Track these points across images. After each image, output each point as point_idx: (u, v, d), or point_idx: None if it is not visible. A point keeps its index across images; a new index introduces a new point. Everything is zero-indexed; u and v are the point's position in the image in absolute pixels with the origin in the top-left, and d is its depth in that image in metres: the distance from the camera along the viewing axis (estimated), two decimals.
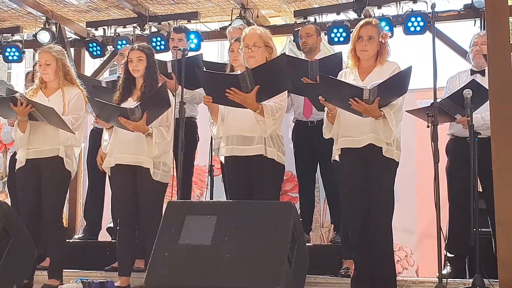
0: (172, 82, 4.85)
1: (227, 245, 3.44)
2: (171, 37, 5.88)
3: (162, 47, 6.70)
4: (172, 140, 4.46)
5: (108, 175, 4.66)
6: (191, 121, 5.21)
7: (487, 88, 3.89)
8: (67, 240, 4.99)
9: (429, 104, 3.99)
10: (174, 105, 4.44)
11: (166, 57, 5.84)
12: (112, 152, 4.47)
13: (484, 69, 4.70)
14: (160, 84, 4.42)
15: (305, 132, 5.20)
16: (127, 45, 6.28)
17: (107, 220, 5.84)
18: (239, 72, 4.10)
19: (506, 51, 3.49)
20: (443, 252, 4.30)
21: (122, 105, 4.35)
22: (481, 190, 4.63)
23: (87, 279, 4.43)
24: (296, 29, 6.56)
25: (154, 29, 7.02)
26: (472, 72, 4.79)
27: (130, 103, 4.39)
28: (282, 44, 9.31)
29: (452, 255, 4.71)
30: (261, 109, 3.97)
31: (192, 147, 5.37)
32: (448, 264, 4.71)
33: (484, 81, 4.57)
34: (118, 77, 4.95)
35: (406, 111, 4.74)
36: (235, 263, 3.38)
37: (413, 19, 6.25)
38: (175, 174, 4.45)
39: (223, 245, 3.44)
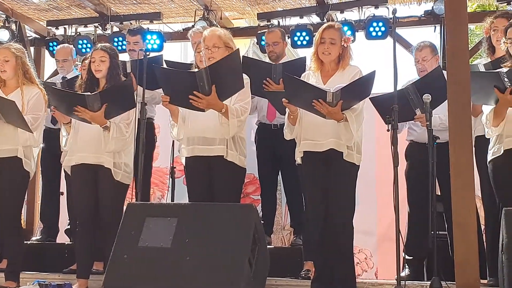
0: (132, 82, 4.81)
1: (187, 247, 3.41)
2: (126, 40, 5.84)
3: (124, 47, 6.62)
4: (132, 140, 4.42)
5: (67, 174, 4.59)
6: (149, 122, 5.17)
7: None
8: (24, 242, 4.89)
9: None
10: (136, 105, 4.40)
11: (126, 57, 5.78)
12: (73, 151, 4.42)
13: None
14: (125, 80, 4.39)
15: (268, 135, 5.22)
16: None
17: (65, 221, 5.76)
18: (196, 70, 4.09)
19: (465, 57, 3.56)
20: (402, 254, 4.35)
21: None
22: (439, 194, 4.71)
23: (44, 282, 4.37)
24: (259, 31, 6.58)
25: (115, 29, 6.95)
26: None
27: None
28: (246, 46, 9.32)
29: (411, 258, 4.77)
30: (226, 109, 3.96)
31: (151, 148, 5.34)
32: (407, 266, 4.77)
33: None
34: (77, 76, 4.89)
35: (369, 98, 4.79)
36: (196, 265, 3.36)
37: (374, 24, 6.32)
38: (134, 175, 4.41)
39: (183, 248, 3.42)
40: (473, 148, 3.74)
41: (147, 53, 4.43)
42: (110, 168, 4.32)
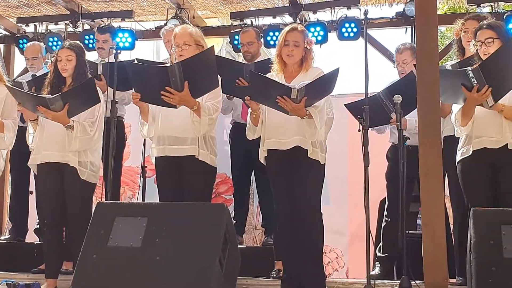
0: (101, 84, 4.77)
1: (157, 247, 3.39)
2: (95, 38, 5.79)
3: (95, 45, 6.58)
4: (100, 138, 4.38)
5: (34, 173, 4.54)
6: (119, 121, 5.14)
7: None
8: None
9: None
10: (106, 104, 4.37)
11: (97, 56, 5.74)
12: (39, 149, 4.37)
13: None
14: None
15: (242, 135, 5.19)
16: None
17: (34, 220, 5.68)
18: (168, 64, 4.07)
19: (434, 59, 3.60)
20: (372, 253, 4.38)
21: None
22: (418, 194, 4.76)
23: (12, 281, 4.31)
24: (232, 31, 6.58)
25: (87, 27, 6.89)
26: None
27: None
28: (218, 46, 9.29)
29: (384, 255, 4.81)
30: (198, 106, 3.94)
31: (121, 147, 5.31)
32: (378, 265, 4.81)
33: None
34: (46, 74, 4.83)
35: (344, 104, 4.83)
36: (166, 265, 3.34)
37: (347, 25, 6.35)
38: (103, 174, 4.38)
39: (153, 247, 3.39)
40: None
41: (118, 51, 4.40)
42: (75, 167, 4.28)
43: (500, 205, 3.71)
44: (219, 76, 4.13)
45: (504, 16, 6.00)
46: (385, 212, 4.84)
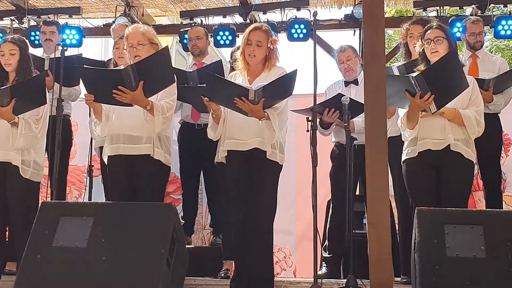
0: (49, 80, 4.68)
1: (103, 247, 3.35)
2: (41, 30, 5.68)
3: (41, 41, 6.44)
4: (44, 136, 4.29)
5: None
6: (65, 119, 5.05)
7: (356, 100, 4.20)
8: None
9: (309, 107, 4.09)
10: (51, 102, 4.28)
11: (39, 52, 5.63)
12: None
13: (357, 79, 4.92)
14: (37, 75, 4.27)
15: (191, 135, 5.20)
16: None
17: None
18: (122, 67, 4.01)
19: (381, 61, 3.64)
20: (319, 253, 4.43)
21: None
22: (362, 194, 4.83)
23: None
24: (182, 29, 6.55)
25: (33, 23, 6.75)
26: (346, 83, 4.98)
27: None
28: (168, 44, 9.23)
29: (330, 256, 4.86)
30: (151, 106, 3.90)
31: (67, 145, 5.21)
32: (325, 265, 4.85)
33: (358, 90, 4.79)
34: None
35: (291, 110, 4.87)
36: (112, 265, 3.30)
37: (296, 26, 6.42)
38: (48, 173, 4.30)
39: (99, 248, 3.35)
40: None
41: (65, 48, 4.32)
42: (18, 165, 4.19)
43: (443, 204, 3.79)
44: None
45: (449, 20, 6.16)
46: (330, 212, 4.90)
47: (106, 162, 4.10)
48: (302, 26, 6.40)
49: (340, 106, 4.38)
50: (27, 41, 4.54)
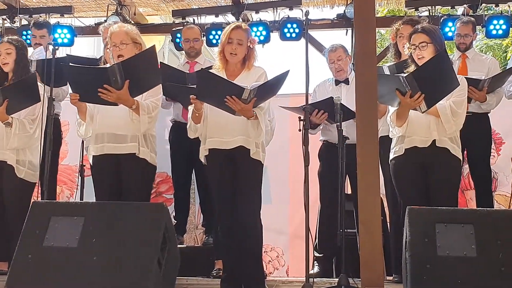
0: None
1: (94, 247, 3.35)
2: (32, 33, 5.66)
3: (31, 40, 6.41)
4: (39, 137, 4.29)
5: None
6: (55, 119, 5.02)
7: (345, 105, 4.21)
8: None
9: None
10: (42, 102, 4.27)
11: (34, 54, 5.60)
12: None
13: (348, 78, 4.93)
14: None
15: (183, 134, 5.14)
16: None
17: None
18: (108, 65, 4.00)
19: (372, 60, 3.66)
20: (311, 252, 4.43)
21: None
22: (350, 193, 4.84)
23: None
24: (174, 29, 6.54)
25: (24, 22, 6.72)
26: (337, 82, 4.98)
27: None
28: (160, 43, 9.20)
29: (321, 255, 4.87)
30: (136, 105, 3.89)
31: (57, 145, 5.20)
32: (317, 264, 4.86)
33: (349, 89, 4.80)
34: None
35: (281, 106, 4.88)
36: (103, 265, 3.30)
37: (289, 25, 6.43)
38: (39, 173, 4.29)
39: (90, 247, 3.35)
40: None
41: (56, 47, 4.31)
42: (12, 165, 4.17)
43: (432, 202, 3.81)
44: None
45: (441, 20, 6.18)
46: (319, 211, 4.91)
47: (91, 163, 4.10)
48: (294, 25, 6.41)
49: (330, 109, 4.39)
50: (24, 42, 4.53)
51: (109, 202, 3.82)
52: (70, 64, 4.04)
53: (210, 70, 4.01)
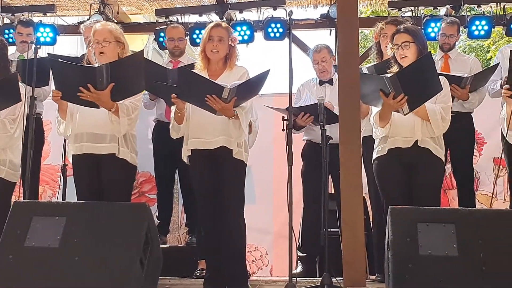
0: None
1: (76, 247, 3.32)
2: (17, 31, 5.62)
3: (14, 39, 6.36)
4: (20, 137, 4.25)
5: None
6: (37, 118, 4.99)
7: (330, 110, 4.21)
8: None
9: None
10: (24, 101, 4.23)
11: (12, 50, 5.55)
12: None
13: (332, 79, 4.94)
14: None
15: (166, 133, 5.14)
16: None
17: None
18: (96, 65, 3.98)
19: (355, 60, 3.68)
20: (295, 252, 4.44)
21: None
22: (333, 192, 4.86)
23: None
24: (157, 28, 6.52)
25: (6, 21, 6.66)
26: (321, 82, 5.00)
27: None
28: (144, 42, 9.19)
29: (304, 255, 4.88)
30: (116, 107, 3.87)
31: (39, 144, 5.17)
32: (300, 263, 4.87)
33: (333, 89, 4.82)
34: None
35: (266, 106, 4.87)
36: (85, 266, 3.27)
37: (273, 25, 6.42)
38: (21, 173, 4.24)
39: (72, 248, 3.32)
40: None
41: (38, 46, 4.27)
42: None
43: (414, 202, 3.83)
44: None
45: (424, 20, 6.21)
46: (303, 211, 4.92)
47: (71, 162, 4.08)
48: (278, 25, 6.41)
49: (315, 113, 4.40)
50: (5, 41, 4.47)
51: (91, 202, 3.80)
52: (59, 59, 4.00)
53: (190, 69, 3.99)
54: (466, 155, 5.02)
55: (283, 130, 3.86)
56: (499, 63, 4.90)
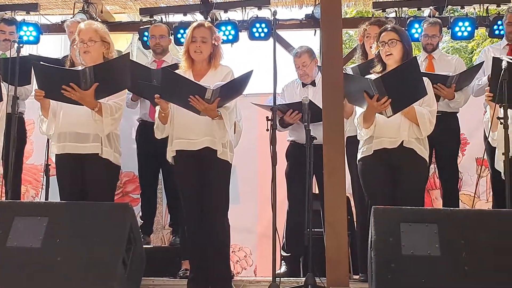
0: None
1: (58, 247, 3.31)
2: (0, 29, 5.57)
3: None
4: (1, 135, 4.21)
5: None
6: (19, 117, 4.95)
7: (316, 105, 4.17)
8: None
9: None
10: (6, 101, 4.20)
11: None
12: None
13: (314, 80, 4.95)
14: None
15: (150, 133, 5.13)
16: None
17: None
18: (80, 68, 3.96)
19: (339, 61, 3.69)
20: (279, 252, 4.44)
21: None
22: (317, 192, 4.86)
23: None
24: (141, 27, 6.50)
25: None
26: (304, 84, 5.00)
27: None
28: (128, 41, 9.15)
29: (288, 255, 4.88)
30: (99, 107, 3.85)
31: (22, 144, 5.14)
32: (284, 263, 4.87)
33: (316, 91, 4.82)
34: None
35: (252, 103, 4.86)
36: (67, 266, 3.26)
37: (257, 25, 6.43)
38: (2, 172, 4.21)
39: (54, 248, 3.31)
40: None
41: (21, 45, 4.23)
42: None
43: (399, 202, 3.84)
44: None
45: (408, 21, 6.25)
46: (287, 211, 4.92)
47: (54, 161, 4.05)
48: (263, 25, 6.42)
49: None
50: None
51: (73, 202, 3.79)
52: (41, 62, 3.98)
53: (174, 70, 3.98)
54: (451, 155, 5.04)
55: (267, 130, 3.86)
56: (483, 61, 4.94)
